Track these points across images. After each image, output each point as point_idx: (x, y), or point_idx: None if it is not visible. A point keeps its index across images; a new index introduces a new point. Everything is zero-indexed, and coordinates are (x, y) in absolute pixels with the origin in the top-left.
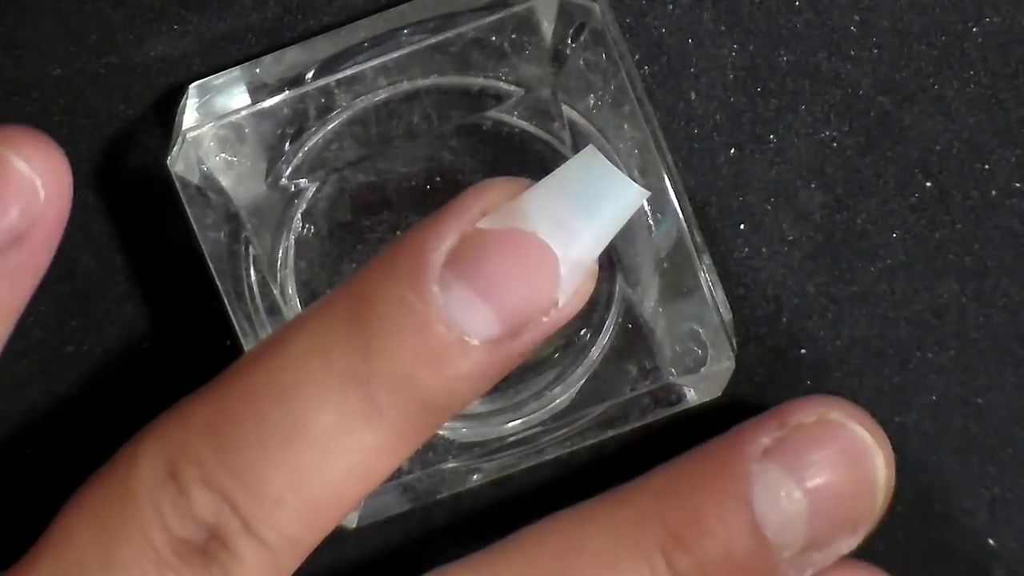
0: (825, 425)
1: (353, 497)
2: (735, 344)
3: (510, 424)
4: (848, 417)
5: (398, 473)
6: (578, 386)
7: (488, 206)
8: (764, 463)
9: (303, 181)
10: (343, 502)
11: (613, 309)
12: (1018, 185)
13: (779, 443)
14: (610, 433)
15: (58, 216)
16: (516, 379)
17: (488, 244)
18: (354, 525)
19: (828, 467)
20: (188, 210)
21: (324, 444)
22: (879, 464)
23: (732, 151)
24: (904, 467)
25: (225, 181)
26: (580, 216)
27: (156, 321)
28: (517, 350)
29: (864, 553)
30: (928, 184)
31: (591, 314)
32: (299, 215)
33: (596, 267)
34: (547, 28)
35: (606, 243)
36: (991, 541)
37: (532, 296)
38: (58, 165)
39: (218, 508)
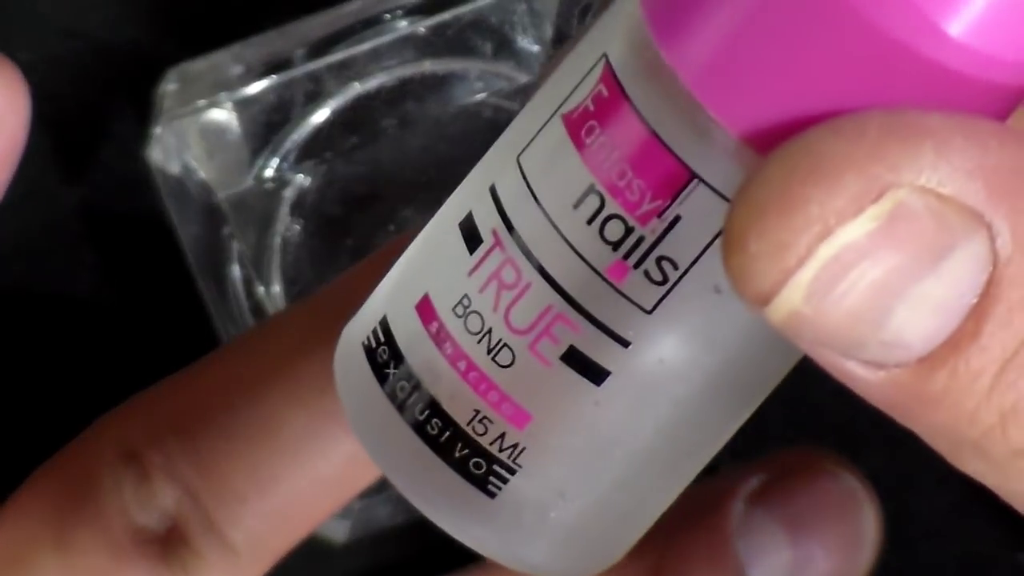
0: (815, 473)
1: (325, 506)
2: None
3: None
4: (839, 467)
5: (391, 483)
6: None
7: None
8: (751, 506)
9: (290, 173)
10: (313, 510)
11: None
12: None
13: (767, 487)
14: None
15: (11, 140)
16: None
17: None
18: (343, 540)
19: (818, 516)
20: (166, 203)
21: (295, 446)
22: (870, 517)
23: None
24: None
25: (206, 172)
26: None
27: (130, 324)
28: None
29: None
30: None
31: None
32: (286, 209)
33: None
34: (550, 9)
35: None
36: None
37: None
38: (12, 82)
39: (179, 499)
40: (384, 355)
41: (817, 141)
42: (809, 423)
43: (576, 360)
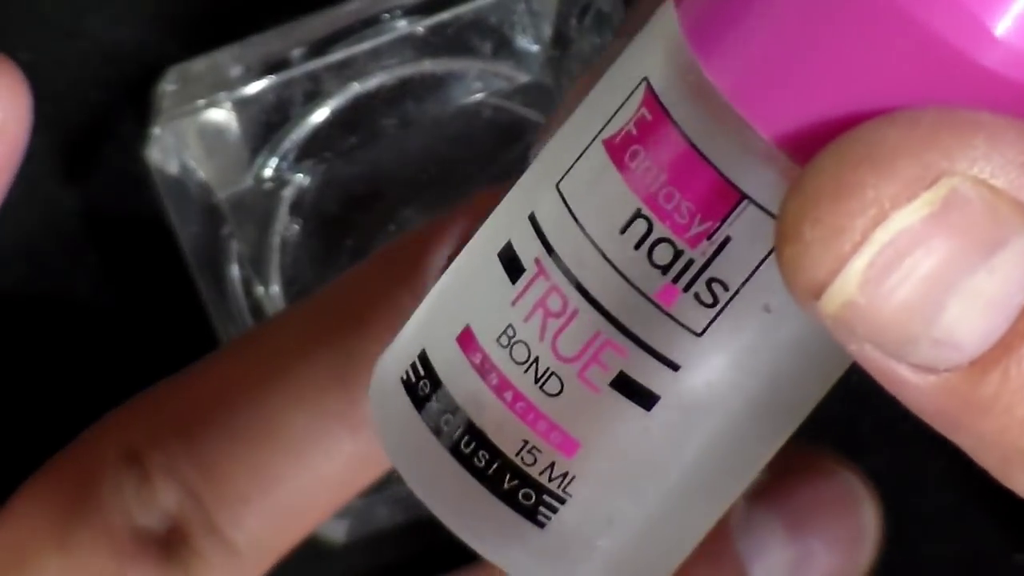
0: (815, 471)
1: (326, 505)
2: None
3: None
4: (839, 465)
5: (390, 483)
6: None
7: None
8: (751, 503)
9: (289, 172)
10: (315, 510)
11: None
12: None
13: (767, 485)
14: None
15: (12, 144)
16: None
17: None
18: (342, 539)
19: (818, 513)
20: (166, 203)
21: (296, 446)
22: (870, 514)
23: None
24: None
25: (205, 172)
26: None
27: (130, 324)
28: None
29: None
30: None
31: None
32: (285, 209)
33: None
34: (550, 9)
35: None
36: None
37: None
38: (14, 86)
39: (181, 500)
40: (425, 388)
41: (870, 131)
42: (812, 424)
43: (626, 386)
